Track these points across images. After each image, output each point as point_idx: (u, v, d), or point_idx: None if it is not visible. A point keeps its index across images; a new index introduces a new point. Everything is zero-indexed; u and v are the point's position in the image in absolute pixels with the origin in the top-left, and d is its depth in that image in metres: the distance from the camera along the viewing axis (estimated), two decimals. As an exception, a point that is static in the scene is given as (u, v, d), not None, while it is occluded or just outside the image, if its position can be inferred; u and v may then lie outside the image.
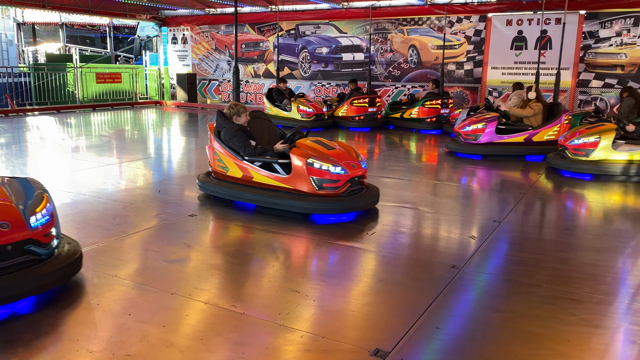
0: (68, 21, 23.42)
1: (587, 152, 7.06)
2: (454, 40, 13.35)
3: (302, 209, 4.94)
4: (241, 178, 5.35)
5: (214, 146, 5.55)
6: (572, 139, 7.23)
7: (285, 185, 5.06)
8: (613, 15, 11.52)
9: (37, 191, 3.45)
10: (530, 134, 8.47)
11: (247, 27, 16.42)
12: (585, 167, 7.05)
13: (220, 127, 5.50)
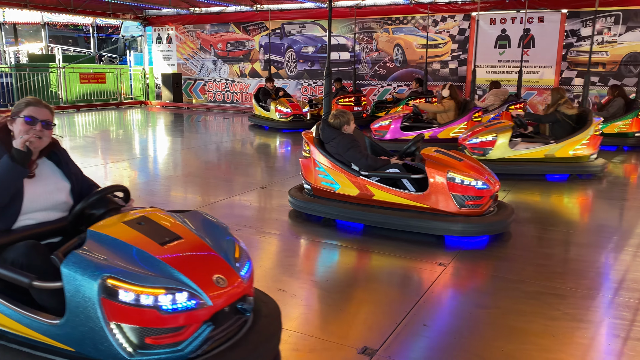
0: (50, 21, 23.12)
1: (485, 151, 6.92)
2: (438, 39, 13.43)
3: (443, 231, 4.30)
4: (357, 196, 4.64)
5: (319, 160, 4.81)
6: (471, 137, 7.10)
7: (417, 203, 4.41)
8: (594, 13, 11.66)
9: (221, 226, 2.54)
10: (434, 131, 8.54)
11: (232, 26, 16.36)
12: (495, 167, 6.89)
13: (327, 139, 4.79)
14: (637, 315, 3.10)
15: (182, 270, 2.11)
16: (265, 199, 5.93)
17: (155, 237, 2.25)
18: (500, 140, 6.90)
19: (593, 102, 11.68)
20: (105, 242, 2.19)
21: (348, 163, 4.69)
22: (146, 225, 2.32)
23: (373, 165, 4.57)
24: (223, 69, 16.86)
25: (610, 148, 8.91)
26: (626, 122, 9.07)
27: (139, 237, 2.23)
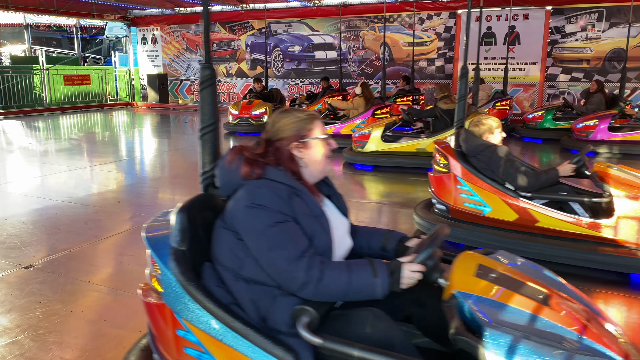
0: (33, 22, 22.82)
1: (363, 144, 7.30)
2: (424, 37, 13.47)
3: (633, 269, 3.44)
4: (514, 222, 3.81)
5: (462, 177, 4.04)
6: (357, 132, 7.51)
7: (595, 233, 3.55)
8: (578, 10, 11.79)
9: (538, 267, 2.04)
10: (337, 127, 8.88)
11: (218, 26, 16.27)
12: (368, 159, 7.24)
13: (474, 151, 3.97)
14: (625, 309, 3.08)
15: (597, 341, 1.53)
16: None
17: (525, 293, 1.66)
18: (373, 134, 7.22)
19: (578, 98, 11.80)
20: (498, 309, 1.58)
21: (501, 181, 3.87)
22: (497, 276, 1.74)
23: (537, 183, 3.70)
24: (209, 69, 16.75)
25: None
26: None
27: (516, 297, 1.63)
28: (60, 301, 3.21)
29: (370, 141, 7.22)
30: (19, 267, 3.74)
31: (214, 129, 2.11)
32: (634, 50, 11.38)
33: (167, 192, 6.33)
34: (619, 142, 8.11)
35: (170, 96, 17.37)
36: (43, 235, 4.47)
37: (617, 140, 8.13)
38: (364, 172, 7.21)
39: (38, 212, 5.18)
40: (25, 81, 15.34)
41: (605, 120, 8.17)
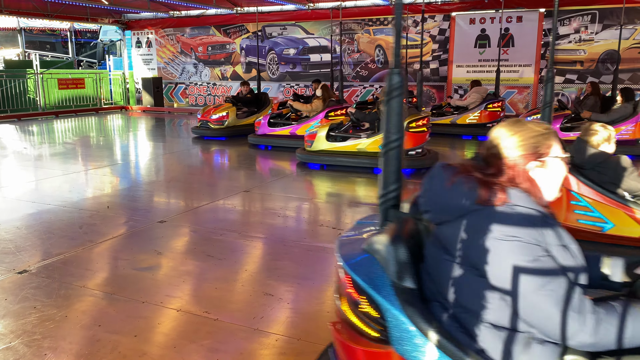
0: (27, 26, 22.76)
1: (311, 143, 7.65)
2: (418, 39, 13.50)
3: None
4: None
5: (579, 191, 3.66)
6: (310, 131, 7.86)
7: None
8: (571, 12, 11.86)
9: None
10: (294, 128, 9.20)
11: (212, 29, 16.27)
12: (314, 158, 7.57)
13: (592, 163, 3.65)
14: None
15: None
16: (249, 203, 5.89)
17: None
18: (320, 134, 7.57)
19: (572, 99, 11.84)
20: None
21: (622, 195, 3.57)
22: None
23: None
24: (204, 73, 16.76)
25: None
26: None
27: None
28: (54, 306, 3.20)
29: (317, 140, 7.59)
30: (13, 272, 3.72)
31: (399, 144, 1.89)
32: (627, 51, 11.45)
33: (162, 196, 6.31)
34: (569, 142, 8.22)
35: (165, 100, 17.34)
36: (37, 240, 4.45)
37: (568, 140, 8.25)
38: (314, 171, 7.49)
39: (32, 216, 5.16)
40: (19, 85, 15.28)
41: (557, 121, 8.30)
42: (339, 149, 7.53)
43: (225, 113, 10.48)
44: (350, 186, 6.80)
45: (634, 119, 8.11)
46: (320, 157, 7.56)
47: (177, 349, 2.71)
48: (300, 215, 5.39)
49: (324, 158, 7.54)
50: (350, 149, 7.47)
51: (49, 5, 14.94)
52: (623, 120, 8.13)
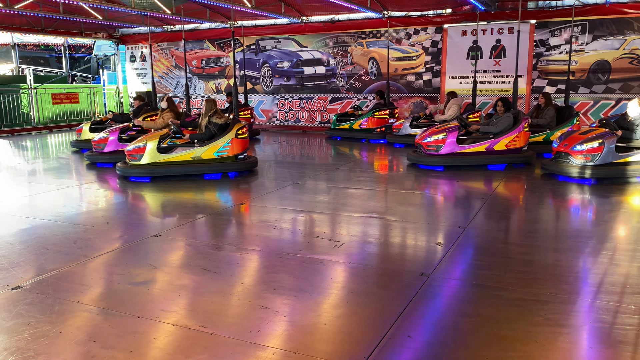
0: (21, 41, 22.78)
1: (139, 157, 7.77)
2: (411, 51, 13.61)
3: None
4: None
5: None
6: (130, 146, 7.90)
7: None
8: (562, 23, 11.99)
9: None
10: None
11: (206, 43, 16.33)
12: (140, 171, 7.75)
13: None
14: (616, 318, 3.14)
15: None
16: (245, 216, 5.88)
17: None
18: (149, 146, 7.74)
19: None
20: None
21: None
22: None
23: None
24: (199, 86, 16.80)
25: (547, 155, 9.25)
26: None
27: None
28: (49, 322, 3.17)
29: (146, 154, 7.74)
30: (7, 288, 3.69)
31: None
32: (618, 61, 11.58)
33: (158, 210, 6.29)
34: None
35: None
36: (31, 255, 4.41)
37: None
38: (141, 183, 7.59)
39: (26, 231, 5.12)
40: (13, 100, 15.25)
41: (453, 134, 8.50)
42: (172, 159, 7.83)
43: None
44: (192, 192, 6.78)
45: (517, 129, 8.39)
46: (153, 170, 7.75)
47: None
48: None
49: (158, 170, 7.78)
50: (184, 158, 7.83)
51: (42, 20, 14.98)
52: (510, 130, 8.40)
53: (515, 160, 8.51)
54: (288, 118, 15.41)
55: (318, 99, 14.89)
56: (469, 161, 8.52)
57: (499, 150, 8.49)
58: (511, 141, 8.44)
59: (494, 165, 8.48)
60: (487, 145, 8.53)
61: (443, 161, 8.47)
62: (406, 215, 5.75)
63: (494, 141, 8.52)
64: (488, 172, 8.29)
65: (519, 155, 8.53)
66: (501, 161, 8.48)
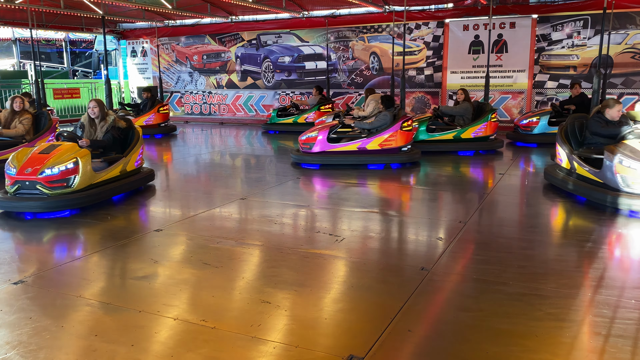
0: (22, 36, 22.76)
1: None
2: (413, 46, 13.57)
3: None
4: None
5: None
6: None
7: None
8: (564, 18, 11.94)
9: None
10: None
11: (207, 38, 16.31)
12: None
13: None
14: (617, 313, 3.14)
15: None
16: (246, 210, 5.88)
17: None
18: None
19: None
20: None
21: None
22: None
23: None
24: (199, 81, 16.78)
25: (468, 153, 9.37)
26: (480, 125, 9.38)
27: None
28: (50, 316, 3.18)
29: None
30: (9, 282, 3.70)
31: None
32: (620, 56, 11.54)
33: (158, 205, 6.29)
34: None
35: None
36: (33, 249, 4.42)
37: None
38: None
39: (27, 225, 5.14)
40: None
41: (324, 132, 8.26)
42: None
43: None
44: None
45: (394, 127, 8.14)
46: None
47: (174, 358, 2.70)
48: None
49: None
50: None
51: (44, 15, 14.95)
52: (386, 129, 8.14)
53: (392, 161, 8.15)
54: (289, 113, 15.40)
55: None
56: (341, 160, 8.19)
57: (372, 150, 8.16)
58: (385, 141, 8.09)
59: (373, 165, 8.13)
60: (359, 144, 8.17)
61: (316, 159, 8.16)
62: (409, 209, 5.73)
63: (366, 140, 8.16)
64: (363, 171, 7.92)
65: (397, 156, 8.17)
66: (376, 161, 8.14)
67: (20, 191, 5.37)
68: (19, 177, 5.38)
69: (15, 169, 5.43)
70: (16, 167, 5.44)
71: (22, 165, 5.43)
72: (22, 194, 5.38)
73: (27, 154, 5.61)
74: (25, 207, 5.33)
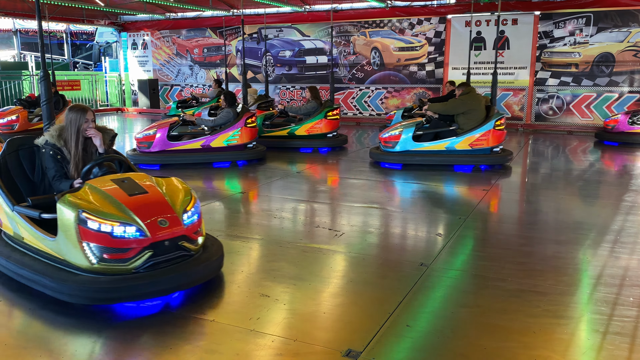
0: (23, 28, 22.70)
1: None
2: (414, 42, 13.55)
3: None
4: None
5: None
6: None
7: None
8: (566, 15, 11.92)
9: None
10: None
11: (208, 31, 16.26)
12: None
13: None
14: (615, 310, 3.15)
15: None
16: (246, 204, 5.88)
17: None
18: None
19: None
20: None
21: None
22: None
23: None
24: (200, 74, 16.75)
25: (304, 150, 9.36)
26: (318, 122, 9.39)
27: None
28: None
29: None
30: (8, 273, 3.70)
31: None
32: (622, 54, 11.52)
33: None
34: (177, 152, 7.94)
35: (161, 101, 17.31)
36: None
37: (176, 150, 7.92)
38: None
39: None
40: (15, 87, 15.23)
41: (163, 129, 7.82)
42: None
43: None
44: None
45: (238, 124, 7.98)
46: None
47: (172, 350, 2.71)
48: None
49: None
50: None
51: (45, 6, 14.90)
52: (231, 126, 7.97)
53: (238, 158, 8.01)
54: (290, 107, 15.37)
55: (320, 89, 14.83)
56: (184, 159, 7.85)
57: (217, 148, 7.93)
58: (231, 137, 7.93)
59: (219, 163, 7.93)
60: (203, 142, 7.85)
61: (155, 159, 7.75)
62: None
63: (210, 138, 7.87)
64: (208, 170, 7.71)
65: (243, 153, 8.04)
66: (222, 159, 7.94)
67: (154, 259, 3.18)
68: (159, 237, 3.18)
69: (137, 225, 3.13)
70: (138, 222, 3.14)
71: (141, 215, 3.18)
72: (155, 264, 3.19)
73: (114, 199, 3.25)
74: (172, 285, 3.23)
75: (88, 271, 3.09)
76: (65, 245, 3.15)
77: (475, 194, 6.33)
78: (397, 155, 7.71)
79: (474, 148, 7.54)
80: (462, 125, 7.60)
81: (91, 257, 3.05)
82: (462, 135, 7.53)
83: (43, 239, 3.32)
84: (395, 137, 7.73)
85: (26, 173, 3.87)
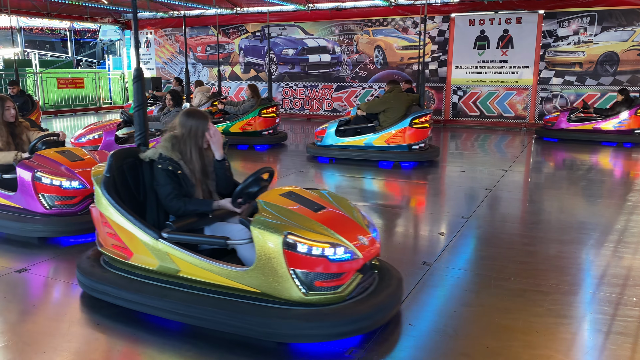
0: (26, 25, 22.74)
1: None
2: (417, 40, 13.52)
3: None
4: None
5: None
6: None
7: None
8: (570, 14, 11.87)
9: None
10: None
11: (211, 29, 16.26)
12: None
13: None
14: (618, 310, 3.14)
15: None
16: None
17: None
18: None
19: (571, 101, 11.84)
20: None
21: None
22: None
23: None
24: (203, 72, 16.76)
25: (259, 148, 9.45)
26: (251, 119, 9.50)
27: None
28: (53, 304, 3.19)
29: None
30: (12, 270, 3.72)
31: None
32: (626, 53, 11.48)
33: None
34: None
35: (164, 99, 17.31)
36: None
37: None
38: None
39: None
40: (18, 85, 15.23)
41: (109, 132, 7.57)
42: None
43: None
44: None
45: None
46: None
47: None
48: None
49: None
50: None
51: (48, 4, 14.93)
52: None
53: None
54: (293, 106, 15.37)
55: (323, 88, 14.84)
56: None
57: None
58: None
59: None
60: (154, 144, 7.73)
61: None
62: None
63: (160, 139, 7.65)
64: None
65: None
66: None
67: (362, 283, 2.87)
68: (367, 257, 2.86)
69: (345, 245, 2.72)
70: (344, 242, 2.74)
71: (343, 234, 2.79)
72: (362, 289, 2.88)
73: (305, 217, 2.83)
74: (391, 309, 2.95)
75: (300, 304, 2.63)
76: (265, 275, 2.63)
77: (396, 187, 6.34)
78: (325, 149, 8.09)
79: (390, 145, 7.77)
80: (382, 122, 7.88)
81: (300, 286, 2.60)
82: (379, 132, 7.83)
83: (226, 271, 2.72)
84: (322, 131, 8.15)
85: (132, 190, 3.23)
